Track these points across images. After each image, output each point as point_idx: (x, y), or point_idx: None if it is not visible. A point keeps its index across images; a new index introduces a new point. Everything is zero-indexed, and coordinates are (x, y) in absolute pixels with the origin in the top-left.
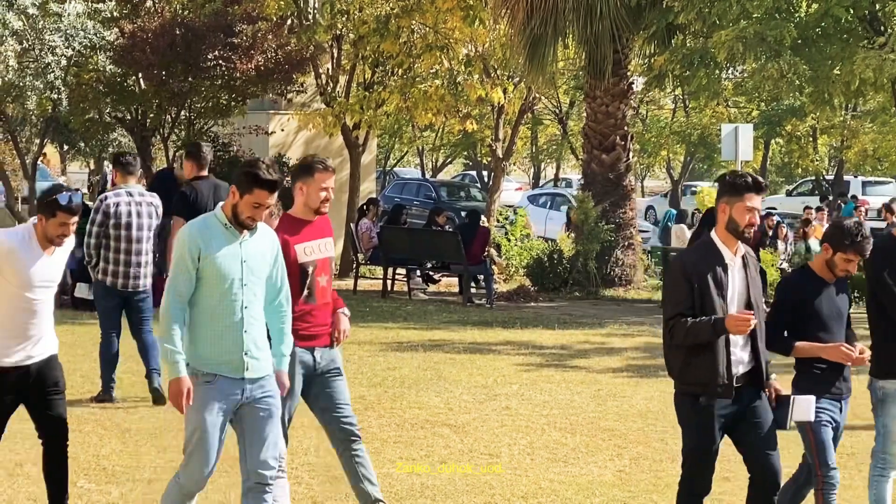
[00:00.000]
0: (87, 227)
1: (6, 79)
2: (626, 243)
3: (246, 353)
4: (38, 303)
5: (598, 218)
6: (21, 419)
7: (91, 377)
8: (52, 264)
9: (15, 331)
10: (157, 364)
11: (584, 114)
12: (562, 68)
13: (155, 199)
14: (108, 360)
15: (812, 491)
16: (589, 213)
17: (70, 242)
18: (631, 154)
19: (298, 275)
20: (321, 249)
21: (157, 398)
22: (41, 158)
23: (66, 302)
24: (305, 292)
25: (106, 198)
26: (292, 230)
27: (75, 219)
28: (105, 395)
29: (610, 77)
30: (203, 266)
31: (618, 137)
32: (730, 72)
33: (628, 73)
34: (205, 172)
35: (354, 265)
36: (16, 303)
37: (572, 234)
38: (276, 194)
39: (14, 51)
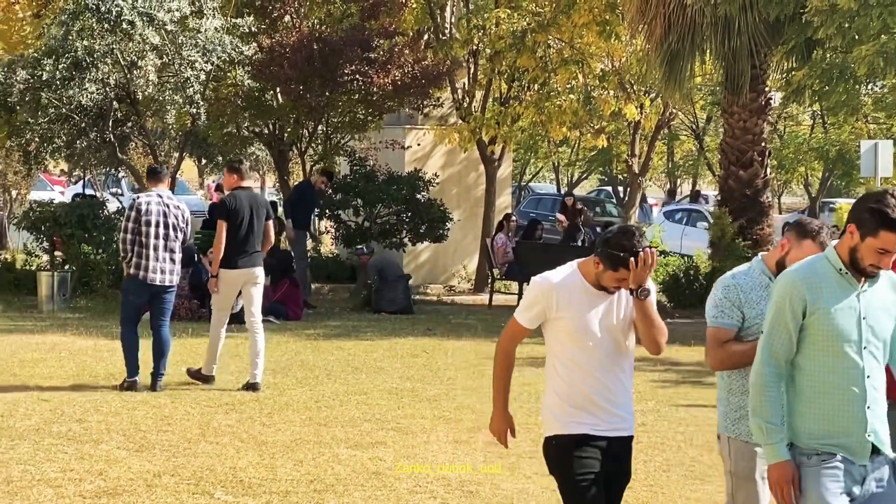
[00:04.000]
0: (122, 223)
1: (146, 93)
2: None
3: (869, 435)
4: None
5: (735, 234)
6: (159, 430)
7: (228, 389)
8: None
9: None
10: (164, 367)
11: (722, 129)
12: (699, 83)
13: (182, 203)
14: (130, 346)
15: None
16: (726, 230)
17: None
18: (768, 170)
19: None
20: None
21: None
22: (179, 172)
23: (205, 314)
24: None
25: (138, 198)
26: None
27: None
28: (132, 379)
29: (748, 92)
30: (810, 323)
31: (755, 153)
32: (869, 87)
33: (766, 89)
34: (244, 183)
35: (490, 280)
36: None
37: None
38: None
39: (154, 66)
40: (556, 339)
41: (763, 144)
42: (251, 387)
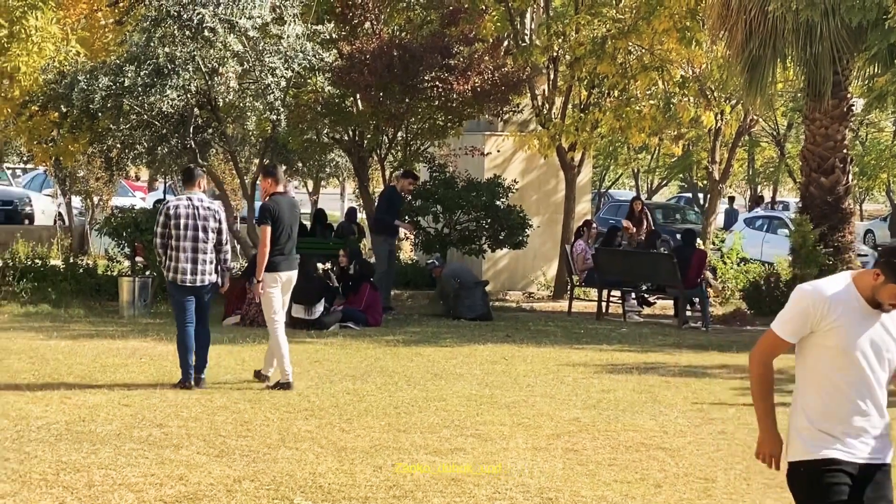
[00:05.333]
0: (154, 228)
1: (227, 100)
2: (845, 267)
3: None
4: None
5: (816, 241)
6: (238, 436)
7: (307, 395)
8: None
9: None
10: (205, 362)
11: (803, 136)
12: (780, 90)
13: (214, 204)
14: (185, 347)
15: None
16: (807, 237)
17: None
18: (850, 177)
19: None
20: None
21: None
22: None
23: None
24: None
25: (168, 202)
26: None
27: None
28: (185, 383)
29: (829, 99)
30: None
31: (837, 160)
32: None
33: (848, 95)
34: (282, 188)
35: (569, 287)
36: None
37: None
38: None
39: (235, 72)
40: (815, 357)
41: (845, 151)
42: (284, 386)
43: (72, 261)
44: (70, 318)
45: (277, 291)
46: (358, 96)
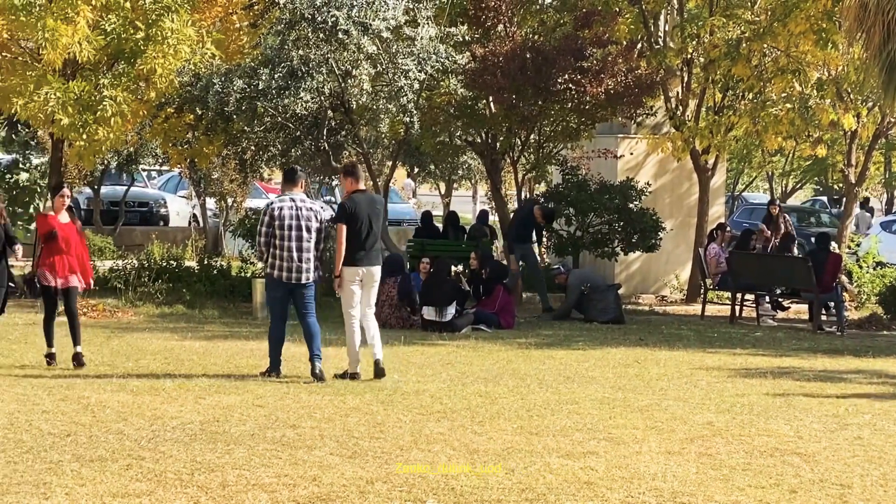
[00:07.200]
0: (258, 227)
1: (360, 102)
2: None
3: None
4: None
5: None
6: (371, 437)
7: (439, 397)
8: None
9: None
10: (318, 350)
11: None
12: None
13: (315, 204)
14: (276, 340)
15: None
16: None
17: None
18: None
19: None
20: None
21: (317, 378)
22: (392, 181)
23: (417, 322)
24: None
25: (272, 203)
26: None
27: None
28: (272, 371)
29: None
30: None
31: None
32: None
33: None
34: (361, 186)
35: (702, 290)
36: None
37: None
38: None
39: (368, 74)
40: None
41: None
42: (353, 376)
43: (206, 262)
44: (204, 319)
45: (356, 287)
46: (491, 99)
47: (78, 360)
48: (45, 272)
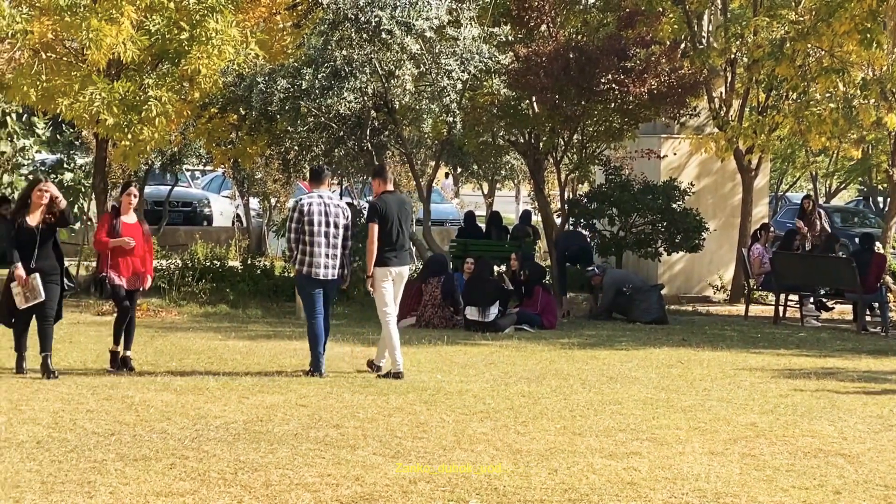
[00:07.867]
0: (287, 224)
1: (403, 102)
2: None
3: None
4: None
5: None
6: (414, 437)
7: (482, 397)
8: None
9: None
10: (322, 348)
11: None
12: None
13: (342, 202)
14: (315, 336)
15: None
16: None
17: None
18: None
19: None
20: None
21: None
22: (435, 181)
23: (459, 323)
24: None
25: (300, 200)
26: None
27: None
28: (315, 371)
29: None
30: None
31: None
32: None
33: None
34: (391, 187)
35: (746, 291)
36: None
37: None
38: None
39: (411, 74)
40: None
41: None
42: (396, 375)
43: (249, 262)
44: (248, 318)
45: (389, 285)
46: (534, 99)
47: (126, 363)
48: (111, 273)
